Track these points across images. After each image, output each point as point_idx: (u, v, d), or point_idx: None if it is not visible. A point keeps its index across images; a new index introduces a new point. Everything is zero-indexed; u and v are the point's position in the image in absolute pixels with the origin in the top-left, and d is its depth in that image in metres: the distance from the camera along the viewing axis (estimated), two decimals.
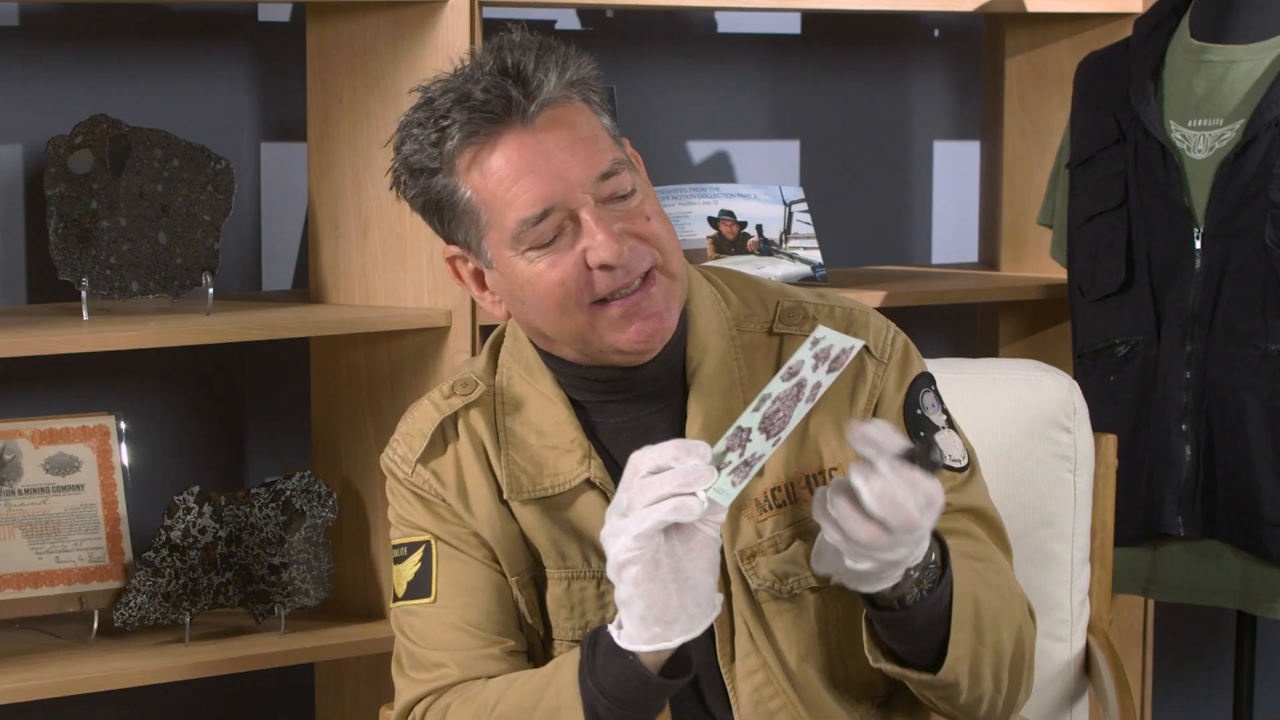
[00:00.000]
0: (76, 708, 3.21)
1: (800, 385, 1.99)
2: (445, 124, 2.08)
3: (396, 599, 2.21)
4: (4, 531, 3.04)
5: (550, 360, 2.18)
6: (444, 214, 2.13)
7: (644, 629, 1.98)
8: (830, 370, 1.98)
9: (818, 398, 1.97)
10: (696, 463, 1.94)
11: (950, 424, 2.23)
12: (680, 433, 2.16)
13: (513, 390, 2.20)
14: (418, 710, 2.18)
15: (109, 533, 3.10)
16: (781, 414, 1.97)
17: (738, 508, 2.15)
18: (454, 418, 2.20)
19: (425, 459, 2.19)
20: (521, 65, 2.07)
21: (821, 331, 2.03)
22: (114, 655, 2.99)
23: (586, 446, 2.16)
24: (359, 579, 3.24)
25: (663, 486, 1.94)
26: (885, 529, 1.94)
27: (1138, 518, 3.28)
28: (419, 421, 2.21)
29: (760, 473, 2.14)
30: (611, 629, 2.02)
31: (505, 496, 2.17)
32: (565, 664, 2.07)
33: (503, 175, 2.07)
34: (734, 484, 1.95)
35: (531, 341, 2.19)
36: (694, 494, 1.94)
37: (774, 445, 1.96)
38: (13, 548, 3.04)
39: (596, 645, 2.04)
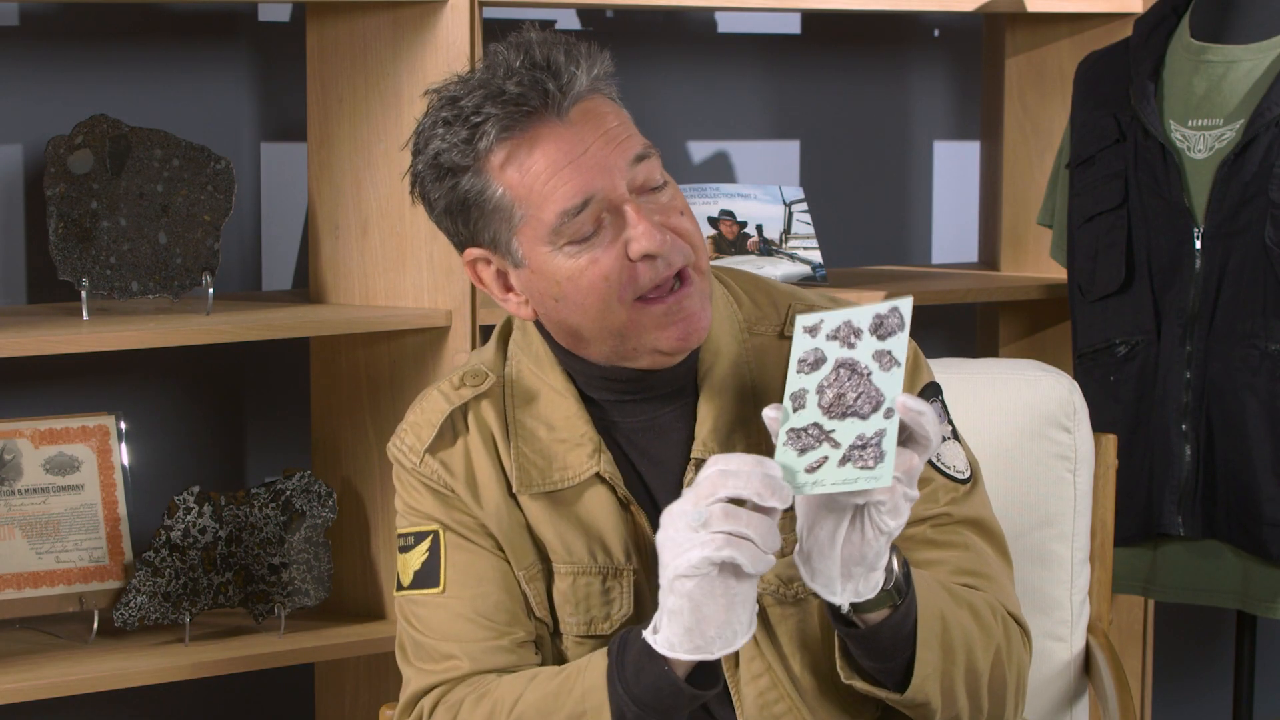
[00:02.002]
0: (76, 708, 3.21)
1: (851, 366, 1.97)
2: (478, 120, 2.06)
3: (401, 588, 2.20)
4: (4, 531, 3.04)
5: (567, 359, 2.18)
6: (470, 214, 2.11)
7: (688, 640, 1.96)
8: (885, 337, 1.96)
9: (904, 360, 1.95)
10: (775, 512, 1.92)
11: (955, 435, 2.23)
12: (693, 434, 2.16)
13: (523, 383, 2.19)
14: (425, 702, 2.16)
15: (109, 533, 3.10)
16: (854, 394, 1.96)
17: None
18: (464, 409, 2.19)
19: (434, 449, 2.18)
20: (553, 59, 2.07)
21: (810, 319, 2.00)
22: (114, 655, 2.99)
23: (597, 440, 2.16)
24: (359, 579, 3.24)
25: (748, 527, 1.92)
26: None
27: (1138, 518, 3.28)
28: (428, 412, 2.20)
29: None
30: (647, 634, 2.00)
31: (515, 490, 2.16)
32: (591, 666, 2.05)
33: (540, 169, 2.07)
34: (868, 465, 1.92)
35: (550, 340, 2.18)
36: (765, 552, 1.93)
37: (886, 415, 1.93)
38: (13, 548, 3.04)
39: (626, 650, 2.02)
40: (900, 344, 1.96)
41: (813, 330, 2.00)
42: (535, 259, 2.10)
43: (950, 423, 2.23)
